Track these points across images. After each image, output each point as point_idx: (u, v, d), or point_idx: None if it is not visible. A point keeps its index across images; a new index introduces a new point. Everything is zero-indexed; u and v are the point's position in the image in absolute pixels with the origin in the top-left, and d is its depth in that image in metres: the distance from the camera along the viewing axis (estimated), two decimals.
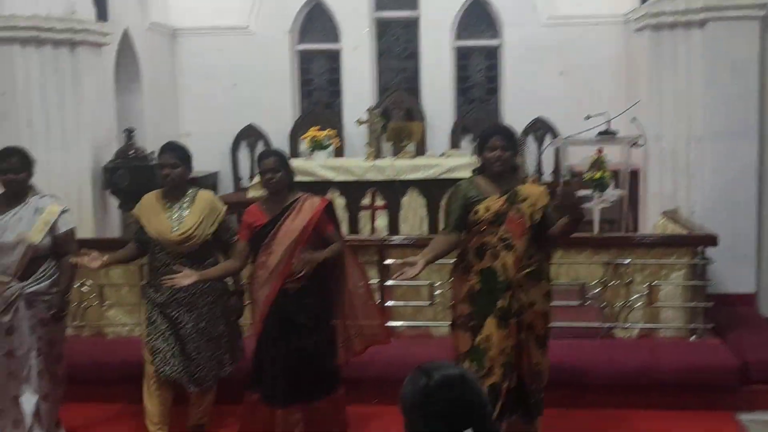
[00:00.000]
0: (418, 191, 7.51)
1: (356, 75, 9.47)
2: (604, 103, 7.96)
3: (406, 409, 2.07)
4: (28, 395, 4.57)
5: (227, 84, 9.37)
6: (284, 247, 4.41)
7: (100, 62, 7.28)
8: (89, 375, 5.36)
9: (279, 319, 4.43)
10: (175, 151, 4.73)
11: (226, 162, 9.51)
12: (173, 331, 4.66)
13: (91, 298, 5.91)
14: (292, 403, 4.46)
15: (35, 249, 4.52)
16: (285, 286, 4.42)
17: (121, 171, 7.10)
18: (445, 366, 2.08)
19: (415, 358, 5.20)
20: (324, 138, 7.95)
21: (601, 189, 6.66)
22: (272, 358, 4.45)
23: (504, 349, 4.15)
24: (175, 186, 4.71)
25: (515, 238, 4.15)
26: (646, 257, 5.67)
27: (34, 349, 4.56)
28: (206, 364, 4.71)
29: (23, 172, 4.59)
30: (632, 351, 5.36)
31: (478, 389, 2.06)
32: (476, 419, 2.00)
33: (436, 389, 2.04)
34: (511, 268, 4.14)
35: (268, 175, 4.48)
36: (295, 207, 4.50)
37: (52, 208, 4.62)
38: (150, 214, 4.68)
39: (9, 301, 4.49)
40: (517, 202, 4.19)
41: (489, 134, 4.28)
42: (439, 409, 2.02)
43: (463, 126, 9.35)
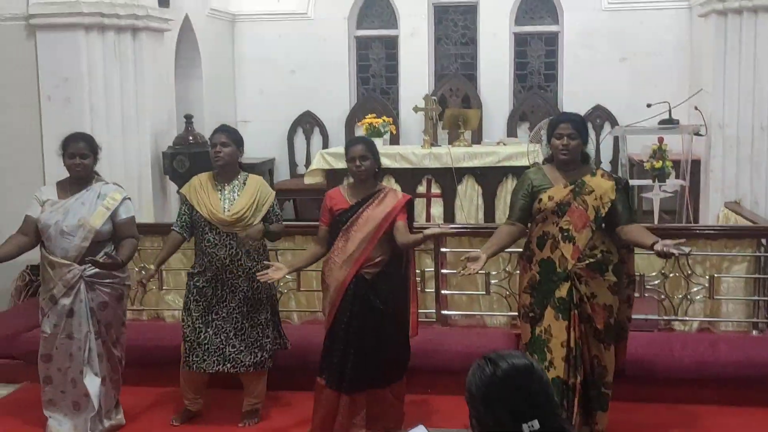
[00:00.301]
0: (474, 179, 7.47)
1: (413, 61, 9.45)
2: (666, 90, 7.85)
3: (471, 397, 2.05)
4: (91, 377, 4.66)
5: (285, 70, 9.43)
6: (363, 234, 4.42)
7: (161, 48, 7.37)
8: (148, 359, 5.45)
9: (354, 304, 4.44)
10: (227, 131, 4.79)
11: (283, 148, 9.58)
12: (207, 318, 4.71)
13: (150, 282, 5.98)
14: (357, 389, 4.48)
15: (96, 234, 4.58)
16: (361, 272, 4.43)
17: (180, 157, 7.19)
18: (512, 355, 2.04)
19: (468, 348, 5.26)
20: (381, 125, 7.95)
21: (662, 179, 6.54)
22: (344, 343, 4.46)
23: (564, 342, 4.09)
24: (226, 166, 4.75)
25: (576, 230, 4.09)
26: (708, 249, 5.54)
27: (93, 332, 4.64)
28: (246, 348, 4.75)
29: (89, 157, 4.67)
30: (692, 344, 5.24)
31: (546, 381, 2.03)
32: (542, 411, 1.96)
33: (503, 379, 2.01)
34: (570, 259, 4.08)
35: (356, 162, 4.47)
36: (378, 196, 4.51)
37: (114, 195, 4.68)
38: (201, 194, 4.73)
39: (70, 284, 4.57)
40: (582, 193, 4.12)
41: (558, 121, 4.22)
42: (505, 398, 1.99)
43: (521, 114, 9.25)
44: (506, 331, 5.65)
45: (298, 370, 5.29)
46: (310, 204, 9.06)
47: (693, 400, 5.05)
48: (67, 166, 4.67)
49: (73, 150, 4.63)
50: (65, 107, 6.54)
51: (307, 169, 9.22)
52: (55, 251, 4.58)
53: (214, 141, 4.75)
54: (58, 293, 4.58)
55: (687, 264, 5.49)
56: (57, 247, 4.57)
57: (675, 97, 7.20)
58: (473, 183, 7.47)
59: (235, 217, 4.65)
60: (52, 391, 4.73)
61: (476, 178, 7.46)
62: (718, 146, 6.76)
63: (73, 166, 4.64)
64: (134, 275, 5.55)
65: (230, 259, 4.68)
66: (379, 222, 4.44)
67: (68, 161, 4.64)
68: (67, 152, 4.64)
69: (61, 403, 4.73)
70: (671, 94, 7.48)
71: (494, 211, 7.45)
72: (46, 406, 4.75)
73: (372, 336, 4.45)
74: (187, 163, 7.11)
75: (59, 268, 4.56)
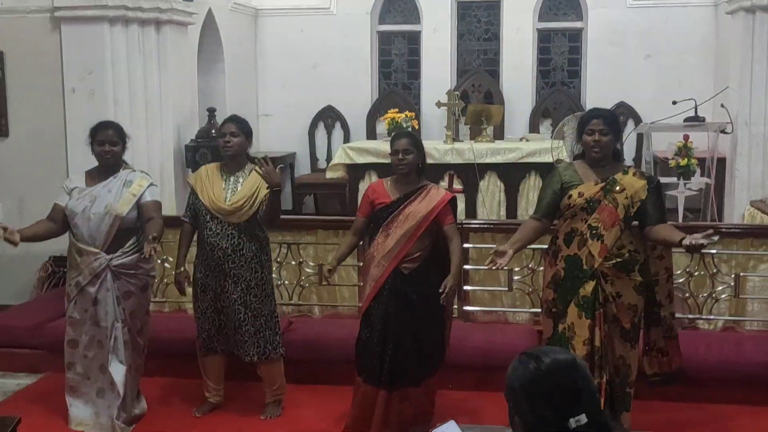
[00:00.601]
0: (497, 175, 7.44)
1: (435, 57, 9.41)
2: (690, 88, 7.78)
3: (513, 393, 2.02)
4: (116, 364, 4.67)
5: (307, 65, 9.42)
6: (403, 230, 4.39)
7: (184, 42, 7.38)
8: (170, 350, 5.46)
9: (391, 299, 4.42)
10: (237, 122, 4.79)
11: (304, 143, 9.58)
12: (215, 306, 4.74)
13: (171, 275, 6.00)
14: (395, 385, 4.44)
15: (122, 221, 4.59)
16: (399, 267, 4.41)
17: (203, 150, 7.19)
18: (554, 351, 2.02)
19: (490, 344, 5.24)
20: (403, 120, 7.92)
21: (687, 177, 6.48)
22: (382, 339, 4.43)
23: (587, 340, 4.05)
24: (234, 156, 4.75)
25: (605, 228, 4.04)
26: (734, 247, 5.48)
27: (119, 321, 4.66)
28: (249, 339, 4.76)
29: (118, 145, 4.68)
30: (717, 343, 5.19)
31: (589, 376, 2.00)
32: (587, 406, 1.93)
33: (547, 373, 1.98)
34: (597, 257, 4.03)
35: (399, 156, 4.44)
36: (421, 192, 4.47)
37: (140, 182, 4.70)
38: (206, 184, 4.74)
39: (96, 272, 4.59)
40: (613, 191, 4.07)
41: (589, 117, 4.16)
42: (550, 393, 1.96)
43: (543, 110, 9.20)
44: (528, 328, 5.63)
45: (319, 364, 5.31)
46: (331, 198, 9.06)
47: (717, 400, 5.01)
48: (96, 153, 4.69)
49: (102, 137, 4.65)
50: (89, 100, 6.56)
51: (327, 163, 9.23)
52: (83, 238, 4.61)
53: (224, 131, 4.75)
54: (84, 280, 4.61)
55: (712, 262, 5.44)
56: (84, 234, 4.60)
57: (699, 94, 7.12)
58: (495, 179, 7.44)
59: (234, 207, 4.65)
60: (75, 377, 4.76)
61: (498, 174, 7.42)
62: (744, 144, 6.69)
63: (102, 153, 4.65)
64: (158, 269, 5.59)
65: (232, 249, 4.68)
66: (419, 220, 4.40)
67: (97, 148, 4.66)
68: (96, 140, 4.66)
69: (83, 390, 4.75)
70: (696, 91, 7.39)
71: (516, 207, 7.42)
72: (68, 391, 4.78)
73: (409, 331, 4.43)
74: (209, 156, 7.11)
75: (86, 255, 4.59)
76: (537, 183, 7.39)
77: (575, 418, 1.92)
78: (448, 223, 4.47)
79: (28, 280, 6.70)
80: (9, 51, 6.71)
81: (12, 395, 5.32)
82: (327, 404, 5.04)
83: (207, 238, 4.72)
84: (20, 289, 6.69)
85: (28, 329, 5.70)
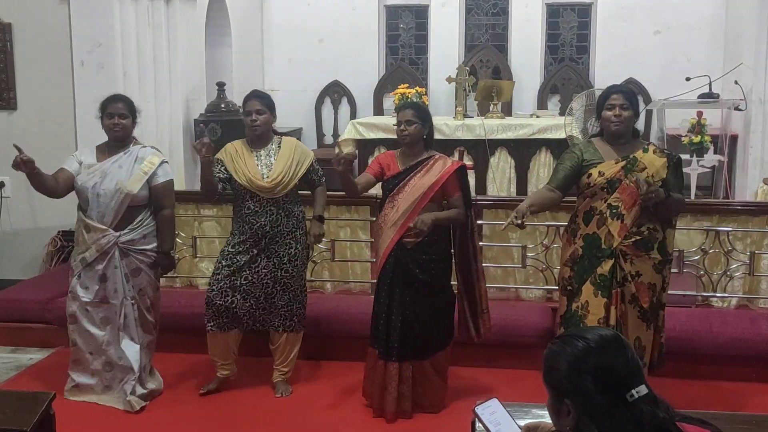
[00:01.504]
0: (507, 152, 7.40)
1: (443, 31, 9.33)
2: (700, 64, 7.75)
3: (559, 375, 1.95)
4: (128, 342, 4.66)
5: (314, 39, 9.34)
6: (408, 202, 4.41)
7: (192, 15, 7.30)
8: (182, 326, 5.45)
9: (395, 272, 4.44)
10: (261, 98, 4.74)
11: (311, 118, 9.51)
12: (235, 282, 4.68)
13: (183, 250, 5.99)
14: (403, 358, 4.47)
15: (132, 198, 4.56)
16: (403, 240, 4.41)
17: (212, 124, 7.15)
18: (593, 329, 1.98)
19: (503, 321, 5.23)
20: (414, 95, 7.87)
21: (700, 154, 6.45)
22: (388, 311, 4.46)
23: (602, 319, 4.03)
24: (261, 133, 4.71)
25: (625, 208, 4.00)
26: (749, 225, 5.46)
27: (128, 298, 4.63)
28: (276, 311, 4.76)
29: (128, 118, 4.63)
30: (731, 321, 5.18)
31: (633, 349, 1.97)
32: (640, 378, 1.90)
33: (597, 349, 1.92)
34: (616, 236, 4.01)
35: (401, 127, 4.45)
36: (426, 164, 4.47)
37: (152, 159, 4.65)
38: (238, 162, 4.68)
39: (104, 249, 4.56)
40: (634, 170, 4.03)
41: (608, 93, 4.14)
42: (603, 368, 1.91)
43: (551, 86, 9.14)
44: (541, 305, 5.62)
45: (331, 339, 5.30)
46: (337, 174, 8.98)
47: (731, 377, 5.02)
48: (105, 126, 4.64)
49: (112, 110, 4.60)
50: (98, 73, 6.50)
51: (334, 139, 9.18)
52: (92, 214, 4.57)
53: (249, 109, 4.69)
54: (90, 257, 4.58)
55: (727, 240, 5.42)
56: (93, 211, 4.56)
57: (709, 71, 7.07)
58: (506, 155, 7.41)
59: (274, 183, 4.62)
60: (78, 351, 4.75)
61: (509, 151, 7.39)
62: (757, 121, 6.65)
63: (111, 126, 4.60)
64: None
65: (271, 226, 4.65)
66: (424, 191, 4.41)
67: (107, 121, 4.61)
68: (105, 113, 4.62)
69: (86, 364, 4.74)
70: (705, 68, 7.35)
71: (527, 183, 7.39)
72: (72, 365, 4.78)
73: (413, 305, 4.44)
74: (219, 131, 7.07)
75: (95, 231, 4.56)
76: (548, 159, 7.36)
77: (635, 389, 1.87)
78: (454, 195, 4.46)
79: (36, 254, 6.68)
80: (17, 23, 6.65)
81: (25, 370, 5.32)
82: (340, 380, 5.04)
83: (246, 216, 4.68)
84: (29, 263, 6.67)
85: (40, 303, 5.68)
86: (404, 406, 4.52)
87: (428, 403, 4.61)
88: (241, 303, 4.72)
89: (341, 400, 4.80)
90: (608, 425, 1.88)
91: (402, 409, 4.51)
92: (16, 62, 6.67)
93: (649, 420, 1.85)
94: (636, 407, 1.87)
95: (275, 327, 4.80)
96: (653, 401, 1.88)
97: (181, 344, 5.38)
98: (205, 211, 5.97)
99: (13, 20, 6.63)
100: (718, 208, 5.57)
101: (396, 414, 4.50)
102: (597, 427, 1.89)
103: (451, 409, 4.66)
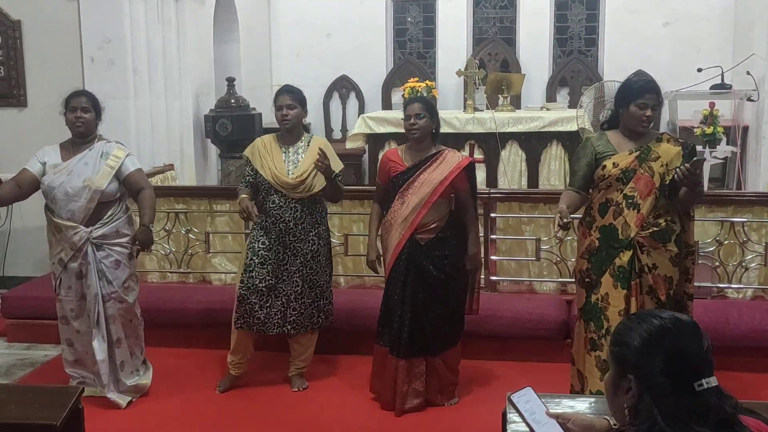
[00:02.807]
0: (518, 145, 7.37)
1: (451, 25, 9.33)
2: (709, 56, 7.72)
3: (628, 350, 1.91)
4: (98, 340, 4.59)
5: (321, 34, 9.34)
6: (419, 198, 4.36)
7: (201, 11, 7.31)
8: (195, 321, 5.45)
9: (408, 269, 4.40)
10: (292, 92, 4.69)
11: (319, 113, 9.50)
12: (270, 281, 4.66)
13: (196, 246, 5.98)
14: (414, 354, 4.45)
15: (101, 194, 4.49)
16: (415, 237, 4.38)
17: (222, 120, 7.13)
18: (669, 312, 1.94)
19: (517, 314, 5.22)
20: (424, 89, 7.85)
21: (712, 145, 6.42)
22: (400, 308, 4.42)
23: (622, 311, 3.98)
24: (292, 129, 4.68)
25: (641, 197, 3.95)
26: (764, 216, 5.43)
27: (101, 294, 4.56)
28: (305, 311, 4.74)
29: (90, 112, 4.56)
30: (747, 312, 5.16)
31: (708, 340, 1.93)
32: (711, 369, 1.86)
33: (674, 330, 1.88)
34: (633, 226, 3.96)
35: (410, 121, 4.40)
36: (436, 158, 4.43)
37: (117, 153, 4.56)
38: (266, 157, 4.66)
39: (77, 246, 4.48)
40: (648, 159, 3.97)
41: (642, 90, 3.97)
42: (676, 350, 1.86)
43: (560, 79, 9.12)
44: (556, 297, 5.59)
45: (345, 334, 5.29)
46: (348, 169, 8.97)
47: (748, 368, 4.99)
48: (68, 121, 4.57)
49: (75, 104, 4.54)
50: (108, 69, 6.49)
51: (342, 134, 9.18)
52: (61, 214, 4.49)
53: (280, 103, 4.64)
54: (66, 256, 4.52)
55: (742, 231, 5.40)
56: (63, 210, 4.48)
57: (719, 62, 7.06)
58: (517, 148, 7.39)
59: (298, 180, 4.59)
60: (75, 352, 4.72)
61: (520, 144, 7.37)
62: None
63: (74, 119, 4.53)
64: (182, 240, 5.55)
65: (294, 222, 4.63)
66: (434, 186, 4.37)
67: (69, 115, 4.55)
68: (68, 107, 4.56)
69: (86, 362, 4.71)
70: (715, 59, 7.33)
71: (538, 176, 7.37)
72: (72, 365, 4.74)
73: (425, 302, 4.42)
74: (229, 127, 7.06)
75: (65, 230, 4.48)
76: (559, 152, 7.34)
77: (706, 379, 1.82)
78: (463, 189, 4.44)
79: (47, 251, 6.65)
80: (26, 20, 6.63)
81: (40, 366, 5.32)
82: (354, 375, 5.04)
83: (270, 211, 4.65)
84: (41, 261, 6.62)
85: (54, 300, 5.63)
86: (417, 402, 4.50)
87: (439, 399, 4.60)
88: (274, 301, 4.69)
89: (356, 395, 4.79)
90: (670, 410, 1.83)
91: (414, 405, 4.50)
92: (26, 59, 6.66)
93: (716, 413, 1.81)
94: (703, 397, 1.83)
95: (305, 328, 4.78)
96: (720, 395, 1.84)
97: (197, 340, 5.38)
98: (217, 207, 5.96)
99: (22, 17, 6.61)
100: (733, 198, 5.54)
101: (408, 410, 4.49)
102: (657, 408, 1.84)
103: (465, 402, 4.66)
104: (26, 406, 2.86)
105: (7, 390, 3.46)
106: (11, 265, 6.77)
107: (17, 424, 2.76)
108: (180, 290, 5.77)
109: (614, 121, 4.15)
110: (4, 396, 3.02)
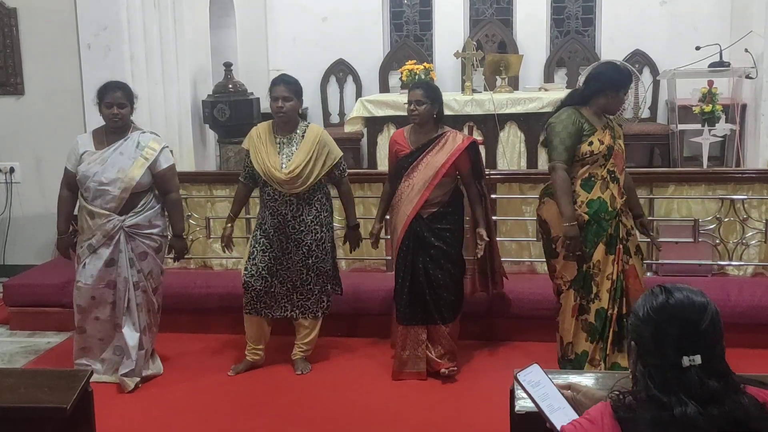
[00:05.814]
0: (517, 126, 7.37)
1: (448, 7, 9.29)
2: (707, 34, 7.70)
3: (635, 319, 2.01)
4: (129, 327, 4.65)
5: (317, 18, 9.30)
6: (424, 179, 4.52)
7: None
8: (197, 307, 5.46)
9: (412, 244, 4.56)
10: (288, 83, 4.68)
11: (316, 97, 9.47)
12: (273, 268, 4.70)
13: (197, 231, 5.98)
14: (417, 323, 4.61)
15: (135, 185, 4.55)
16: (420, 211, 4.55)
17: (220, 105, 7.12)
18: (692, 290, 1.98)
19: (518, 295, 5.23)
20: (422, 71, 7.84)
21: (711, 123, 6.43)
22: (404, 277, 4.60)
23: (609, 275, 4.25)
24: (287, 120, 4.67)
25: (619, 172, 4.30)
26: (764, 193, 5.45)
27: (132, 282, 4.62)
28: (312, 296, 4.77)
29: (126, 107, 4.60)
30: (748, 289, 5.19)
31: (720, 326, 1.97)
32: (708, 350, 1.90)
33: (674, 307, 1.94)
34: (618, 198, 4.27)
35: (411, 106, 4.53)
36: (439, 141, 4.56)
37: (152, 145, 4.62)
38: (260, 149, 4.66)
39: (110, 234, 4.55)
40: (617, 137, 4.33)
41: (631, 79, 4.43)
42: (669, 326, 1.93)
43: (558, 59, 9.10)
44: None
45: (347, 316, 5.30)
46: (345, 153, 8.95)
47: (748, 345, 4.98)
48: (104, 116, 4.61)
49: (111, 100, 4.56)
50: (105, 56, 6.44)
51: (340, 118, 9.16)
52: (95, 201, 4.55)
53: (275, 95, 4.64)
54: (97, 243, 4.58)
55: (743, 208, 5.41)
56: (96, 198, 4.54)
57: (716, 40, 7.03)
58: (516, 129, 7.38)
59: (291, 176, 4.58)
60: (87, 339, 4.75)
61: (519, 125, 7.36)
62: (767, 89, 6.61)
63: (111, 116, 4.56)
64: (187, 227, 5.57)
65: (292, 215, 4.65)
66: (438, 168, 4.53)
67: (106, 111, 4.57)
68: (104, 102, 4.57)
69: (95, 350, 4.75)
70: (712, 37, 7.30)
71: (537, 157, 7.36)
72: (79, 354, 4.77)
73: (428, 270, 4.56)
74: (227, 112, 7.05)
75: (99, 217, 4.54)
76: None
77: (690, 357, 1.89)
78: (465, 170, 4.59)
79: (49, 239, 6.64)
80: (22, 7, 6.59)
81: (43, 353, 5.33)
82: (356, 357, 5.07)
83: (266, 201, 4.68)
84: (42, 248, 6.66)
85: (56, 288, 5.67)
86: (416, 369, 4.67)
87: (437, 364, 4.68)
88: (279, 287, 4.74)
89: (359, 377, 4.82)
90: (659, 381, 1.92)
91: (413, 371, 4.67)
92: (22, 47, 6.62)
93: (698, 389, 1.88)
94: (689, 373, 1.90)
95: (313, 312, 4.82)
96: (708, 372, 1.89)
97: (199, 324, 5.41)
98: (217, 192, 5.96)
99: (18, 4, 6.57)
100: (733, 176, 5.57)
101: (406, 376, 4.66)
102: (650, 378, 1.94)
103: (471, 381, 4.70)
104: (36, 390, 2.89)
105: (17, 374, 3.52)
106: (11, 253, 6.77)
107: (28, 407, 2.79)
108: (181, 276, 5.75)
109: (582, 99, 4.34)
110: (14, 380, 3.05)
